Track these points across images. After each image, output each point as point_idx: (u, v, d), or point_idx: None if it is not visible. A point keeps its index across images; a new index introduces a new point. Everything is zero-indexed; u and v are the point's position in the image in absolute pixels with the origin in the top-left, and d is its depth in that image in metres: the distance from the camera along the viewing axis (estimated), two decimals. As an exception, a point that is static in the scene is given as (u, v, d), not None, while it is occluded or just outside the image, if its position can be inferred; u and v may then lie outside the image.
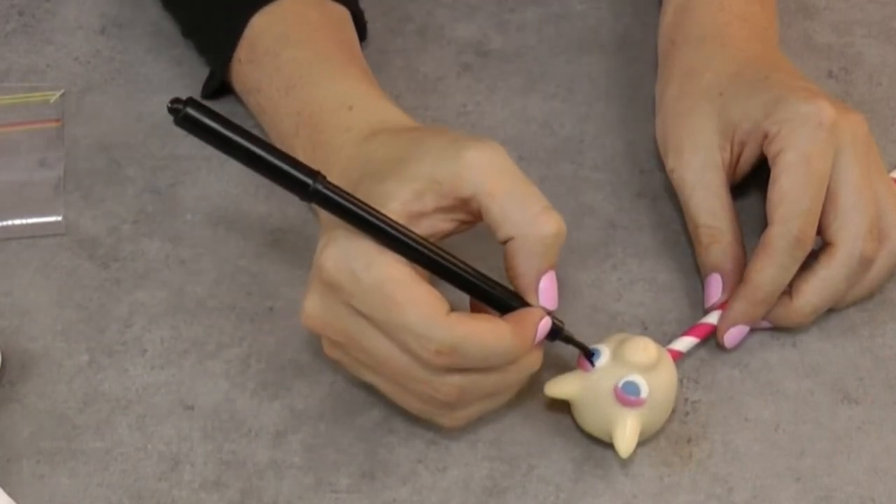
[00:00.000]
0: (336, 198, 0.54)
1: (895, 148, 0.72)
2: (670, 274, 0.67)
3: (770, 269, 0.61)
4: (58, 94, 0.73)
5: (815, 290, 0.62)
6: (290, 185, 0.54)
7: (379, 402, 0.62)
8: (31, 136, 0.71)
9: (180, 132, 0.72)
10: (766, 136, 0.63)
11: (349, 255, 0.55)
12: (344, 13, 0.70)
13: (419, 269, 0.56)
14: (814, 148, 0.61)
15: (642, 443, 0.60)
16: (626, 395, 0.58)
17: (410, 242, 0.55)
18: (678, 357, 0.62)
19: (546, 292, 0.58)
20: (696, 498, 0.60)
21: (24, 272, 0.67)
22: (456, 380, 0.56)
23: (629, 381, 0.58)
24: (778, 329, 0.64)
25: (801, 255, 0.62)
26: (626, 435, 0.58)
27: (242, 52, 0.68)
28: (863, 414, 0.62)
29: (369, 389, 0.63)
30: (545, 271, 0.57)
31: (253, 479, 0.60)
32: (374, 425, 0.62)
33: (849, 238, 0.62)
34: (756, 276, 0.62)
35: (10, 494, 0.59)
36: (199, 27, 0.72)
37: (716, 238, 0.64)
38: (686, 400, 0.63)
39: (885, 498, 0.60)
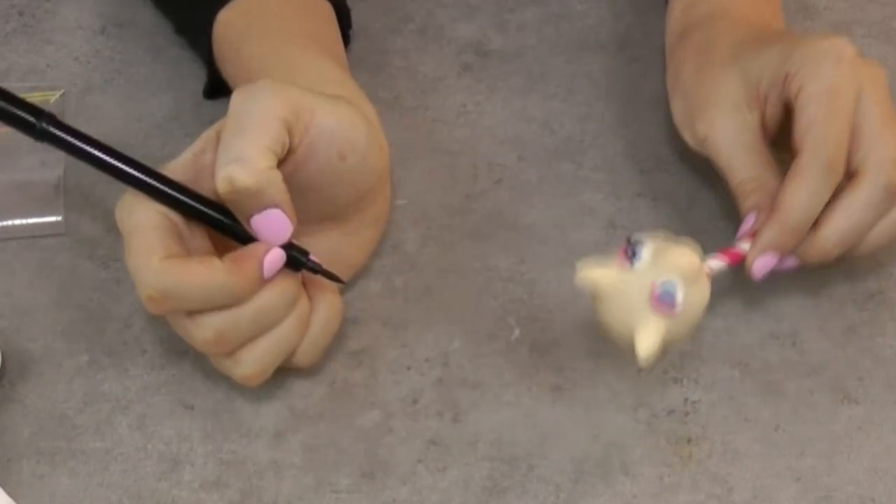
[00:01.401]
0: (63, 136, 0.57)
1: (895, 148, 0.72)
2: (670, 274, 0.67)
3: (803, 192, 0.60)
4: (58, 94, 0.73)
5: (842, 217, 0.61)
6: (17, 125, 0.57)
7: (379, 402, 0.62)
8: (32, 136, 0.71)
9: (180, 132, 0.73)
10: (786, 78, 0.62)
11: (123, 204, 0.58)
12: (317, 2, 0.70)
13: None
14: (838, 80, 0.61)
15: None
16: (662, 299, 0.55)
17: (147, 180, 0.57)
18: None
19: (260, 230, 0.57)
20: (696, 498, 0.60)
21: (24, 272, 0.67)
22: (205, 322, 0.57)
23: (668, 284, 0.55)
24: (780, 321, 0.64)
25: (833, 183, 0.60)
26: (649, 338, 0.55)
27: (216, 49, 0.68)
28: (863, 414, 0.62)
29: (369, 389, 0.63)
30: (252, 214, 0.57)
31: (253, 479, 0.60)
32: (374, 425, 0.62)
33: (874, 165, 0.61)
34: (788, 201, 0.60)
35: (10, 494, 0.59)
36: (186, 25, 0.72)
37: (760, 185, 0.63)
38: (686, 400, 0.62)
39: (885, 498, 0.60)
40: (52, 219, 0.68)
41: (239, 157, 0.56)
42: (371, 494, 0.60)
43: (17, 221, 0.68)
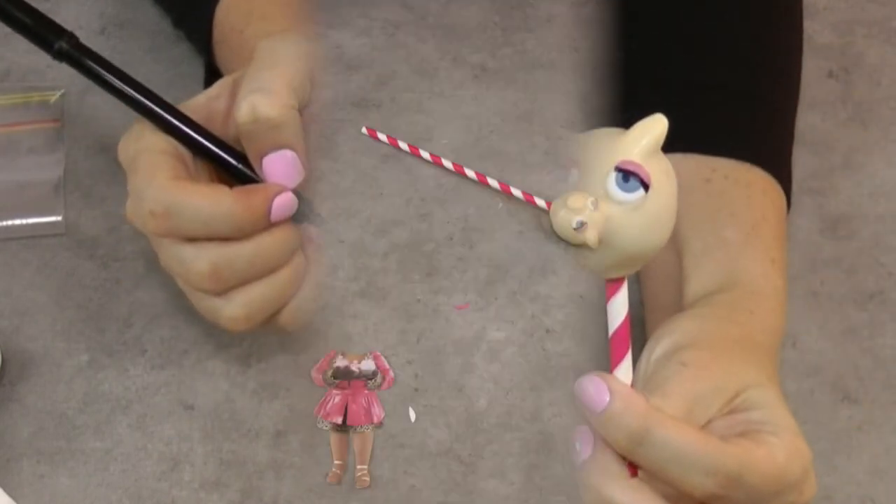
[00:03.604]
0: (82, 57, 0.57)
1: (895, 148, 0.72)
2: (670, 274, 0.67)
3: None
4: (58, 94, 0.73)
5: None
6: (37, 41, 0.57)
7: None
8: (31, 136, 0.71)
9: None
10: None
11: (130, 134, 0.57)
12: None
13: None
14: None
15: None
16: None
17: (154, 108, 0.57)
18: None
19: (269, 170, 0.57)
20: (696, 498, 0.60)
21: (24, 272, 0.67)
22: (203, 253, 0.56)
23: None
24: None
25: None
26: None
27: (217, 32, 0.68)
28: (863, 414, 0.62)
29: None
30: (266, 151, 0.57)
31: (253, 479, 0.60)
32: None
33: None
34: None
35: (10, 494, 0.59)
36: (184, 13, 0.72)
37: None
38: (686, 400, 0.62)
39: (885, 498, 0.60)
40: (52, 219, 0.68)
41: (264, 87, 0.56)
42: (371, 494, 0.60)
43: (17, 221, 0.68)
